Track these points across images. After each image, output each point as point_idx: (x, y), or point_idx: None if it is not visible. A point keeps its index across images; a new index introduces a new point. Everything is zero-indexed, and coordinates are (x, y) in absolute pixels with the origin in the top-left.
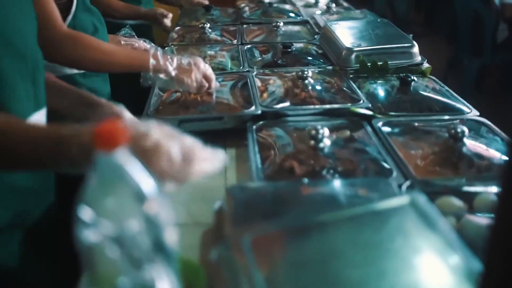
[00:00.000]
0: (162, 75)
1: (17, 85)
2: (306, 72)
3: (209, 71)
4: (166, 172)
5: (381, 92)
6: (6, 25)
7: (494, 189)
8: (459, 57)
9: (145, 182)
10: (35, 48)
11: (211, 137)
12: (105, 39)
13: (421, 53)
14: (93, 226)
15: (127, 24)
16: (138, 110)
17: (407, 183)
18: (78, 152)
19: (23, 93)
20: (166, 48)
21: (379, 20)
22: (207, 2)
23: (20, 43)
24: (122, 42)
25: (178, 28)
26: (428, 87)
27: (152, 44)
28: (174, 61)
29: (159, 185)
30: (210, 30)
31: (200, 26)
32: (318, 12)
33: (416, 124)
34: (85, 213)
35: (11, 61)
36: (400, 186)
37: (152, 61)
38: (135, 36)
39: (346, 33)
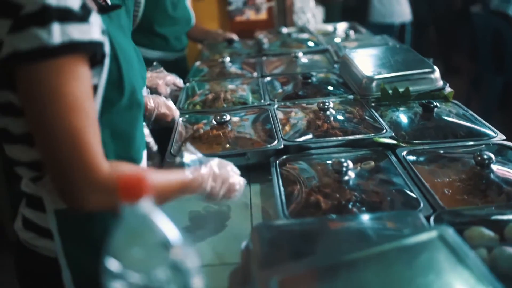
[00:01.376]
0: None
1: (138, 135)
2: (327, 103)
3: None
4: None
5: (404, 120)
6: (134, 82)
7: None
8: (481, 75)
9: (170, 230)
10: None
11: None
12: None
13: (442, 74)
14: (120, 276)
15: (155, 61)
16: (161, 147)
17: (435, 214)
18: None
19: (140, 140)
20: (187, 84)
21: (398, 46)
22: (234, 36)
23: (141, 97)
24: (153, 76)
25: (198, 62)
26: (451, 112)
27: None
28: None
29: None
30: (230, 64)
31: (220, 60)
32: (337, 39)
33: (441, 151)
34: (112, 264)
35: (139, 115)
36: (428, 218)
37: (193, 189)
38: (164, 71)
39: (366, 60)
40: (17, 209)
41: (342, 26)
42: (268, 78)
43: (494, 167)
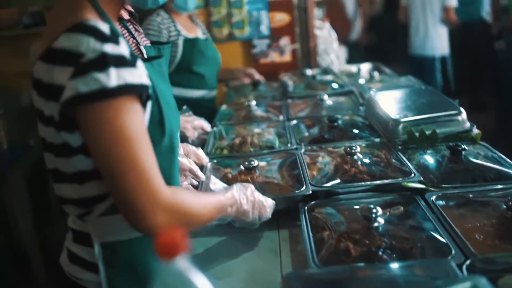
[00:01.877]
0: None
1: (176, 175)
2: (354, 148)
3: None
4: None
5: (431, 163)
6: (173, 124)
7: None
8: (507, 112)
9: (206, 286)
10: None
11: None
12: None
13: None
14: None
15: (185, 105)
16: None
17: (467, 262)
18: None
19: (177, 180)
20: (215, 128)
21: (423, 87)
22: (260, 78)
23: (177, 140)
24: (182, 120)
25: (224, 106)
26: (479, 155)
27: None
28: (240, 202)
29: None
30: (256, 107)
31: (246, 104)
32: (362, 81)
33: (471, 195)
34: None
35: (175, 157)
36: (460, 265)
37: (229, 209)
38: (192, 115)
39: (391, 102)
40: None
41: (365, 67)
42: (294, 122)
43: None
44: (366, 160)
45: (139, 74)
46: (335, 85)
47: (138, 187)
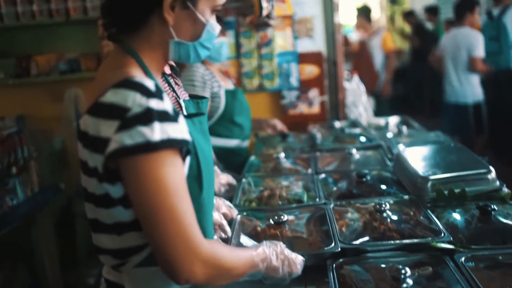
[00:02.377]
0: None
1: (210, 229)
2: (383, 205)
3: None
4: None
5: (461, 222)
6: (210, 179)
7: None
8: None
9: None
10: None
11: None
12: None
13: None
14: None
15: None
16: None
17: None
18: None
19: (211, 233)
20: (244, 179)
21: (452, 144)
22: (283, 129)
23: (212, 195)
24: None
25: (253, 157)
26: (509, 215)
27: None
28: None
29: None
30: (284, 160)
31: (275, 156)
32: (390, 134)
33: (501, 257)
34: None
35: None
36: None
37: (261, 265)
38: (217, 170)
39: (420, 159)
40: None
41: (393, 120)
42: (322, 175)
43: None
44: (395, 218)
45: (180, 129)
46: (363, 139)
47: (177, 239)
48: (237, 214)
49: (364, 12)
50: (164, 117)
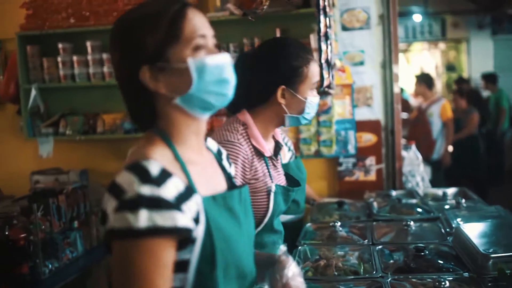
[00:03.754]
0: None
1: None
2: (443, 283)
3: None
4: None
5: None
6: (230, 257)
7: None
8: None
9: None
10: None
11: None
12: None
13: None
14: None
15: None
16: None
17: None
18: None
19: None
20: (299, 247)
21: None
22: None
23: (247, 269)
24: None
25: (309, 224)
26: None
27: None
28: None
29: None
30: (340, 228)
31: (331, 224)
32: (447, 206)
33: None
34: None
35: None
36: None
37: None
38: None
39: (480, 235)
40: None
41: (451, 191)
42: (379, 247)
43: None
44: None
45: (175, 217)
46: (420, 210)
47: None
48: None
49: (425, 80)
50: (155, 204)
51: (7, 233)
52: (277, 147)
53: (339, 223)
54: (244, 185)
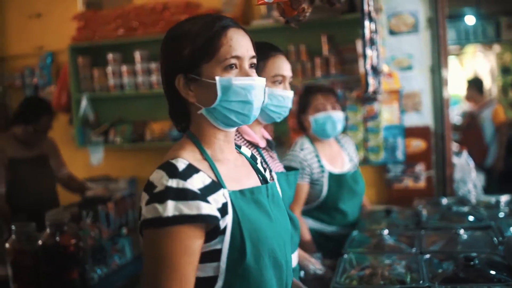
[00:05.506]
0: None
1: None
2: None
3: None
4: None
5: None
6: (262, 247)
7: None
8: None
9: None
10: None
11: None
12: None
13: None
14: None
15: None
16: None
17: None
18: None
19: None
20: (345, 255)
21: None
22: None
23: (281, 259)
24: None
25: (356, 232)
26: None
27: None
28: None
29: None
30: (388, 237)
31: (378, 232)
32: (501, 214)
33: None
34: None
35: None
36: None
37: None
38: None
39: None
40: None
41: (505, 199)
42: (427, 256)
43: None
44: None
45: (200, 206)
46: (471, 218)
47: None
48: None
49: (476, 84)
50: (181, 195)
51: (58, 239)
52: (269, 144)
53: (386, 231)
54: (272, 182)
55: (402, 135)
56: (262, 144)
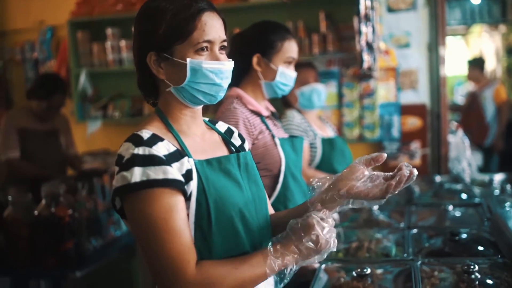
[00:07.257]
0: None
1: (245, 237)
2: (472, 267)
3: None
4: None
5: None
6: (229, 213)
7: None
8: None
9: None
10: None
11: None
12: None
13: None
14: None
15: None
16: None
17: None
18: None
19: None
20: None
21: None
22: None
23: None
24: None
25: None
26: None
27: None
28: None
29: None
30: (378, 212)
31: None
32: (496, 193)
33: None
34: None
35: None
36: None
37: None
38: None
39: None
40: None
41: (498, 178)
42: (415, 230)
43: None
44: (484, 281)
45: (163, 171)
46: (464, 196)
47: (164, 269)
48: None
49: (478, 64)
50: (147, 161)
51: (53, 210)
52: (273, 114)
53: (376, 206)
54: (243, 151)
55: (398, 112)
56: (265, 113)
